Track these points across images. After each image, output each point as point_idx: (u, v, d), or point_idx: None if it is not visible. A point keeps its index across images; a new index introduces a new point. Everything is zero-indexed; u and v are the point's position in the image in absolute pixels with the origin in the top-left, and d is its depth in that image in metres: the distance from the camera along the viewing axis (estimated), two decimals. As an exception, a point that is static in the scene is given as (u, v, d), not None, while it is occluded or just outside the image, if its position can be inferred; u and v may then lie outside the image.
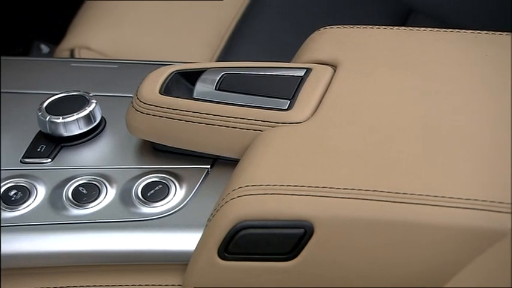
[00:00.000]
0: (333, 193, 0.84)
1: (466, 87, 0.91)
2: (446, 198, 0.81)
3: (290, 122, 0.90)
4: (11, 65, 1.12)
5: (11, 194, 0.94)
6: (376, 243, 0.83)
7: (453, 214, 0.81)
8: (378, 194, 0.83)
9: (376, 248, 0.83)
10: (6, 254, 0.91)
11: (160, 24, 1.31)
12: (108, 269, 0.92)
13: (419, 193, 0.82)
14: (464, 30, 0.96)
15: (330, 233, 0.83)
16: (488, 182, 0.82)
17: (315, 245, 0.84)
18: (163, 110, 0.94)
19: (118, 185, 0.95)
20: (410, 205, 0.82)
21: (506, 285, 0.79)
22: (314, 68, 0.94)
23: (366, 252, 0.83)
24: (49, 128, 0.98)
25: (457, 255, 0.80)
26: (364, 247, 0.83)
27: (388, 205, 0.83)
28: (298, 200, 0.85)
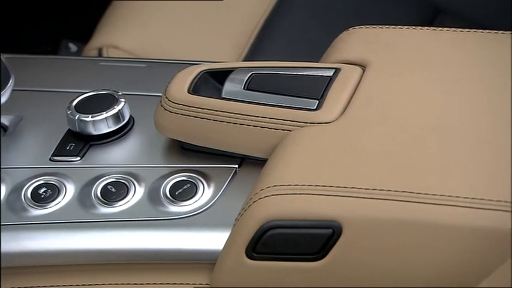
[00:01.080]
0: (361, 193, 0.83)
1: (494, 88, 0.90)
2: (477, 200, 0.80)
3: (319, 122, 0.89)
4: (40, 64, 1.12)
5: (40, 191, 0.94)
6: (404, 244, 0.82)
7: (484, 216, 0.80)
8: (406, 195, 0.82)
9: (404, 248, 0.82)
10: (35, 251, 0.91)
11: (187, 23, 1.30)
12: (135, 268, 0.91)
13: (448, 194, 0.81)
14: (495, 31, 0.95)
15: (358, 233, 0.83)
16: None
17: (343, 245, 0.83)
18: (192, 109, 0.94)
19: (146, 184, 0.94)
20: (440, 206, 0.81)
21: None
22: (343, 68, 0.94)
23: (394, 253, 0.82)
24: (78, 126, 0.97)
25: (489, 257, 0.79)
26: (392, 248, 0.82)
27: (417, 206, 0.82)
28: (327, 200, 0.84)
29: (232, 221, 0.88)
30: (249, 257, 0.85)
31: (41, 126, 1.01)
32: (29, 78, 1.06)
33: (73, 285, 0.92)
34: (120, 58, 1.22)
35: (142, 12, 1.31)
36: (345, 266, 0.84)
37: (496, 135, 0.85)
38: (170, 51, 1.28)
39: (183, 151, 0.97)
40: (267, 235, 0.84)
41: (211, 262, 0.89)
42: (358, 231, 0.83)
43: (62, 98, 1.02)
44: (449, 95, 0.90)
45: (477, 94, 0.90)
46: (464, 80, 0.91)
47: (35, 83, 1.07)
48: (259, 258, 0.85)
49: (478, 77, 0.91)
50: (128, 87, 1.04)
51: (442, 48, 0.95)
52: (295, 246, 0.84)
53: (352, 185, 0.84)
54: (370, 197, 0.83)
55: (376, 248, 0.83)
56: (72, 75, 1.08)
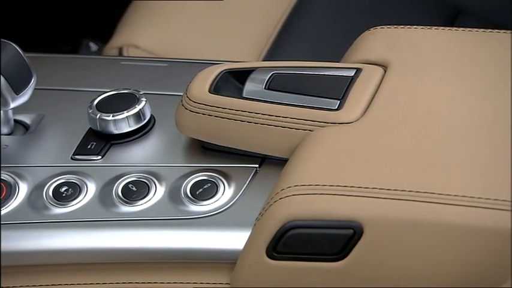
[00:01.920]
0: (382, 194, 0.83)
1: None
2: (499, 201, 0.79)
3: (340, 122, 0.89)
4: (61, 63, 1.12)
5: (61, 190, 0.94)
6: (425, 244, 0.81)
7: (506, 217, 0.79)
8: (427, 196, 0.82)
9: (425, 249, 0.81)
10: (56, 249, 0.91)
11: (207, 23, 1.30)
12: (156, 266, 0.91)
13: (470, 195, 0.80)
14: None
15: (379, 234, 0.82)
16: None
17: (364, 245, 0.83)
18: (213, 109, 0.93)
19: (167, 183, 0.94)
20: (461, 207, 0.80)
21: None
22: (364, 68, 0.93)
23: (415, 254, 0.82)
24: (99, 125, 0.97)
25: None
26: (413, 248, 0.82)
27: (438, 207, 0.81)
28: (348, 200, 0.83)
29: (253, 220, 0.88)
30: (270, 256, 0.85)
31: (63, 125, 1.01)
32: (50, 77, 1.06)
33: (93, 283, 0.92)
34: (141, 57, 1.21)
35: (162, 11, 1.31)
36: (365, 267, 0.83)
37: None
38: (190, 51, 1.27)
39: (204, 150, 0.96)
40: (287, 235, 0.84)
41: (232, 262, 0.88)
42: (379, 231, 0.82)
43: (83, 97, 1.02)
44: (470, 96, 0.89)
45: (499, 95, 0.89)
46: (487, 81, 0.90)
47: (57, 81, 1.07)
48: (280, 258, 0.85)
49: (500, 77, 0.90)
50: (149, 86, 1.03)
51: (464, 48, 0.94)
52: (315, 247, 0.84)
53: (373, 186, 0.83)
54: (391, 198, 0.82)
55: (397, 249, 0.82)
56: (93, 75, 1.08)
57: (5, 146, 0.99)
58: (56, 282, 0.92)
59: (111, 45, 1.29)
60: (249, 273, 0.86)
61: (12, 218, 0.92)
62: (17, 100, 0.96)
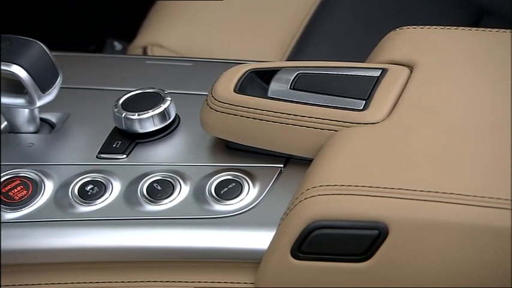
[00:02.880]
0: (408, 195, 0.82)
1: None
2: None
3: (365, 122, 0.88)
4: (86, 62, 1.12)
5: (87, 188, 0.94)
6: (451, 246, 0.80)
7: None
8: (454, 197, 0.81)
9: (451, 250, 0.80)
10: (81, 248, 0.91)
11: (231, 22, 1.30)
12: (180, 266, 0.91)
13: (497, 197, 0.79)
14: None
15: (404, 234, 0.81)
16: None
17: (389, 246, 0.82)
18: (238, 109, 0.93)
19: (192, 182, 0.93)
20: (488, 209, 0.79)
21: None
22: (390, 68, 0.92)
23: (441, 255, 0.81)
24: (124, 124, 0.97)
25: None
26: (439, 249, 0.81)
27: (465, 208, 0.80)
28: (373, 201, 0.83)
29: (277, 220, 0.87)
30: (294, 256, 0.84)
31: (88, 124, 1.01)
32: (76, 76, 1.06)
33: (118, 281, 0.91)
34: (166, 57, 1.21)
35: (186, 11, 1.30)
36: (390, 267, 0.83)
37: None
38: (213, 50, 1.27)
39: (229, 150, 0.96)
40: (312, 235, 0.83)
41: (256, 261, 0.88)
42: (404, 232, 0.81)
43: (109, 96, 1.02)
44: (497, 97, 0.88)
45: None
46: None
47: (82, 80, 1.07)
48: (305, 258, 0.84)
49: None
50: (174, 85, 1.03)
51: (489, 49, 0.93)
52: (340, 247, 0.83)
53: (399, 186, 0.82)
54: (417, 199, 0.82)
55: (422, 250, 0.81)
56: (118, 74, 1.08)
57: (31, 145, 0.99)
58: (80, 280, 0.91)
59: (136, 45, 1.29)
60: (273, 273, 0.86)
61: (38, 216, 0.92)
62: (43, 99, 0.96)
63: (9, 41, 0.96)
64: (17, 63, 0.94)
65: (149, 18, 1.33)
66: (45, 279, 0.91)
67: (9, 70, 0.94)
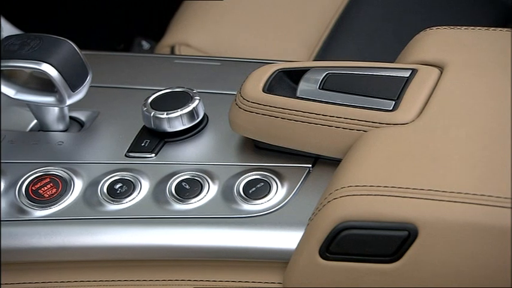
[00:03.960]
0: (438, 196, 0.81)
1: None
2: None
3: (395, 123, 0.87)
4: (115, 61, 1.12)
5: (116, 187, 0.93)
6: (481, 248, 0.79)
7: None
8: (485, 199, 0.80)
9: (481, 253, 0.80)
10: (110, 246, 0.90)
11: (258, 22, 1.29)
12: (208, 265, 0.90)
13: (529, 199, 0.79)
14: None
15: (434, 236, 0.81)
16: None
17: (418, 247, 0.81)
18: (267, 108, 0.92)
19: (220, 182, 0.93)
20: (519, 211, 0.79)
21: None
22: (420, 69, 0.91)
23: (470, 257, 0.80)
24: (153, 123, 0.96)
25: None
26: (469, 251, 0.80)
27: (495, 210, 0.79)
28: (403, 202, 0.82)
29: (306, 220, 0.87)
30: (323, 257, 0.84)
31: (117, 122, 1.00)
32: (105, 75, 1.06)
33: (146, 279, 0.91)
34: (195, 56, 1.21)
35: (214, 10, 1.30)
36: (419, 269, 0.82)
37: None
38: (241, 50, 1.26)
39: (257, 150, 0.95)
40: (341, 235, 0.83)
41: (284, 261, 0.87)
42: (434, 234, 0.81)
43: (137, 95, 1.02)
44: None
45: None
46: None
47: (111, 79, 1.06)
48: (333, 259, 0.83)
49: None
50: (202, 85, 1.03)
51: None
52: (369, 248, 0.82)
53: (428, 188, 0.82)
54: (446, 200, 0.81)
55: (452, 251, 0.80)
56: (147, 73, 1.08)
57: (61, 143, 0.99)
58: (109, 278, 0.91)
59: (163, 44, 1.29)
60: (301, 273, 0.85)
61: (67, 214, 0.92)
62: (73, 97, 0.96)
63: (39, 39, 0.96)
64: (48, 61, 0.94)
65: (177, 17, 1.32)
66: (74, 277, 0.91)
67: (40, 68, 0.94)
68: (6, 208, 0.93)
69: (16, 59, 0.94)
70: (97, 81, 1.00)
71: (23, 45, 0.95)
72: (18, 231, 0.91)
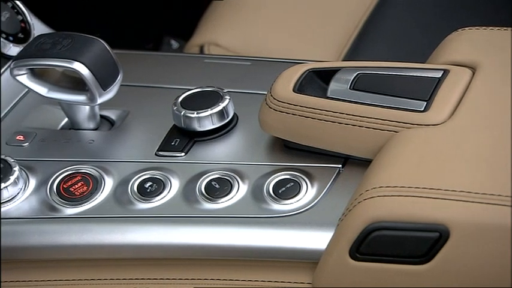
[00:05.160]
0: (470, 198, 0.80)
1: None
2: None
3: (426, 123, 0.86)
4: (145, 60, 1.12)
5: (146, 185, 0.93)
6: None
7: None
8: (517, 200, 0.79)
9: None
10: (140, 244, 0.90)
11: (288, 22, 1.28)
12: (237, 264, 0.90)
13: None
14: None
15: (466, 237, 0.80)
16: None
17: (449, 249, 0.80)
18: (297, 108, 0.91)
19: (250, 181, 0.92)
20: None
21: None
22: (452, 69, 0.90)
23: (502, 259, 0.79)
24: (183, 122, 0.96)
25: None
26: (501, 253, 0.79)
27: (528, 212, 0.79)
28: (434, 203, 0.81)
29: (336, 221, 0.86)
30: (353, 257, 0.83)
31: (147, 121, 1.00)
32: (135, 74, 1.06)
33: (176, 278, 0.91)
34: (224, 55, 1.20)
35: (243, 10, 1.29)
36: (450, 270, 0.81)
37: None
38: (269, 50, 1.26)
39: (287, 149, 0.95)
40: (371, 236, 0.82)
41: (314, 261, 0.87)
42: (465, 235, 0.80)
43: (167, 94, 1.01)
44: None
45: None
46: None
47: (141, 78, 1.06)
48: (363, 260, 0.83)
49: None
50: (232, 84, 1.02)
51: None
52: (400, 249, 0.82)
53: (460, 189, 0.81)
54: (478, 202, 0.80)
55: (483, 253, 0.79)
56: (177, 72, 1.07)
57: (91, 141, 0.99)
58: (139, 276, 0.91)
59: (193, 43, 1.28)
60: (331, 274, 0.84)
61: (98, 212, 0.92)
62: (104, 96, 0.96)
63: (71, 38, 0.96)
64: (79, 60, 0.94)
65: (206, 16, 1.32)
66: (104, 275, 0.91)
67: (72, 67, 0.94)
68: (38, 206, 0.93)
69: (48, 58, 0.94)
70: (127, 80, 1.00)
71: (55, 44, 0.95)
72: (50, 229, 0.91)
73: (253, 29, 1.28)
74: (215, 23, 1.29)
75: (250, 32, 1.27)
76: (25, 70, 0.97)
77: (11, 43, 1.05)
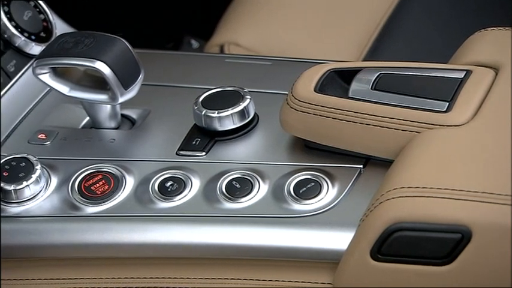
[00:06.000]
0: (492, 199, 0.79)
1: None
2: None
3: (449, 124, 0.86)
4: (166, 59, 1.11)
5: (167, 185, 0.93)
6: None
7: None
8: (540, 202, 0.78)
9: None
10: (162, 243, 0.90)
11: (308, 22, 1.28)
12: (257, 264, 0.89)
13: None
14: None
15: (488, 239, 0.79)
16: None
17: (472, 250, 0.79)
18: (318, 108, 0.91)
19: (270, 181, 0.92)
20: None
21: None
22: (474, 70, 0.89)
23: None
24: (204, 121, 0.96)
25: None
26: (523, 255, 0.79)
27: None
28: (456, 204, 0.80)
29: (357, 221, 0.85)
30: (374, 258, 0.82)
31: (168, 121, 1.00)
32: (156, 73, 1.05)
33: (196, 277, 0.90)
34: (245, 55, 1.20)
35: (264, 10, 1.29)
36: (472, 272, 0.80)
37: None
38: (289, 49, 1.25)
39: (307, 149, 0.94)
40: (393, 237, 0.81)
41: (334, 262, 0.86)
42: (488, 237, 0.79)
43: (188, 94, 1.01)
44: None
45: None
46: None
47: (162, 78, 1.06)
48: (384, 260, 0.82)
49: None
50: (253, 84, 1.01)
51: None
52: (422, 250, 0.81)
53: (482, 190, 0.80)
54: (501, 203, 0.79)
55: (505, 255, 0.79)
56: (197, 71, 1.07)
57: (113, 140, 0.99)
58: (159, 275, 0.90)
59: (213, 43, 1.28)
60: (352, 274, 0.84)
61: (119, 210, 0.92)
62: (125, 95, 0.95)
63: (93, 37, 0.95)
64: (101, 59, 0.94)
65: (226, 16, 1.32)
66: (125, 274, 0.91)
67: (94, 66, 0.94)
68: (59, 204, 0.93)
69: (70, 57, 0.94)
70: (148, 80, 1.00)
71: (77, 43, 0.95)
72: (71, 227, 0.91)
73: (273, 28, 1.27)
74: (235, 23, 1.28)
75: (270, 32, 1.27)
76: (47, 69, 0.97)
77: (33, 42, 1.05)
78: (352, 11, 1.28)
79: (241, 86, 0.98)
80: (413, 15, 1.28)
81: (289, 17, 1.28)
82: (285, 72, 1.03)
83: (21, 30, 1.05)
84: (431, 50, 1.25)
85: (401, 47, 1.26)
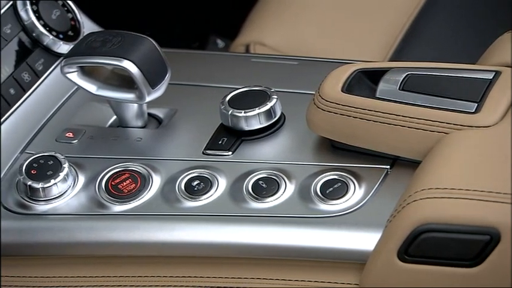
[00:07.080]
0: (521, 201, 0.79)
1: None
2: None
3: (477, 125, 0.85)
4: (193, 59, 1.11)
5: (193, 184, 0.92)
6: None
7: None
8: None
9: None
10: (188, 242, 0.89)
11: (333, 21, 1.27)
12: (283, 263, 0.89)
13: None
14: None
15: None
16: None
17: (500, 252, 0.78)
18: (345, 108, 0.90)
19: (297, 181, 0.91)
20: None
21: None
22: (504, 71, 0.88)
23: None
24: (231, 121, 0.95)
25: None
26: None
27: None
28: (485, 205, 0.79)
29: (383, 222, 0.84)
30: (401, 259, 0.81)
31: (194, 120, 0.99)
32: (182, 73, 1.05)
33: (222, 277, 0.90)
34: (271, 55, 1.19)
35: (290, 10, 1.28)
36: (500, 274, 0.79)
37: None
38: (315, 49, 1.24)
39: (334, 149, 0.93)
40: (420, 238, 0.80)
41: (361, 262, 0.85)
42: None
43: (215, 93, 1.00)
44: None
45: None
46: None
47: (189, 77, 1.05)
48: (411, 261, 0.81)
49: None
50: (279, 84, 1.01)
51: None
52: (450, 251, 0.80)
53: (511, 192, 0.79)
54: (530, 205, 0.79)
55: (534, 257, 0.78)
56: (224, 71, 1.06)
57: (139, 139, 0.98)
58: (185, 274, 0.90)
59: (238, 42, 1.27)
60: (378, 275, 0.83)
61: (146, 209, 0.92)
62: (152, 94, 0.95)
63: (121, 36, 0.95)
64: (129, 58, 0.93)
65: (252, 16, 1.31)
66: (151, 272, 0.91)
67: (121, 65, 0.93)
68: (86, 202, 0.93)
69: (98, 56, 0.94)
70: (175, 79, 0.99)
71: (104, 42, 0.95)
72: (98, 226, 0.91)
73: (299, 28, 1.26)
74: (261, 23, 1.28)
75: (296, 32, 1.26)
76: (75, 68, 0.96)
77: (61, 41, 1.05)
78: (377, 12, 1.27)
79: (267, 86, 0.97)
80: (439, 15, 1.27)
81: (315, 17, 1.27)
82: (312, 72, 1.02)
83: (49, 29, 1.05)
84: (458, 51, 1.23)
85: (427, 48, 1.25)
